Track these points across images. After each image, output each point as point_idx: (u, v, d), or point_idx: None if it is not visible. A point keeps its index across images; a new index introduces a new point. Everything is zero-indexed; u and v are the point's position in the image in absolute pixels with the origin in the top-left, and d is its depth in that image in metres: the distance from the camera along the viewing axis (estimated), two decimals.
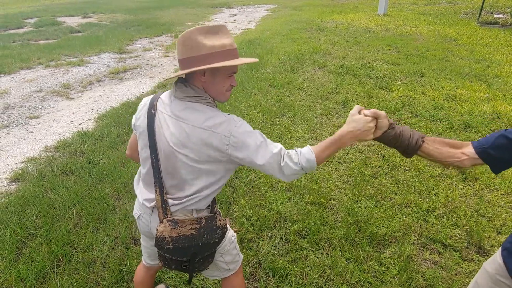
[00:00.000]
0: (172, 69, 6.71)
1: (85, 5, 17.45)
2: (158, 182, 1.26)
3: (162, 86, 5.65)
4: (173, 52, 8.10)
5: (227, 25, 11.68)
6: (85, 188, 2.91)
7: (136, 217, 1.43)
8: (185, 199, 1.26)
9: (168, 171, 1.25)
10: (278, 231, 2.43)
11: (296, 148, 1.23)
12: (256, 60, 1.28)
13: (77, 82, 6.04)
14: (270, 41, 8.37)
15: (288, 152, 1.21)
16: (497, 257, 1.16)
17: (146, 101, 1.35)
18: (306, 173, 1.23)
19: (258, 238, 2.38)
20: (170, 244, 1.24)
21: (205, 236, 1.26)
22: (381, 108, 4.37)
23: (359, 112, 1.22)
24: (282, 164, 1.18)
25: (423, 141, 1.21)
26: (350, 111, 1.20)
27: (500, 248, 1.17)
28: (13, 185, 3.11)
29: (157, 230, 1.25)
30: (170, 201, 1.27)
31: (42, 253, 2.22)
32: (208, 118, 1.18)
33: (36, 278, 2.07)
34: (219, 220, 1.31)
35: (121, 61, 7.36)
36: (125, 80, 6.19)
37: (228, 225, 1.46)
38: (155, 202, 1.29)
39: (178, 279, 2.07)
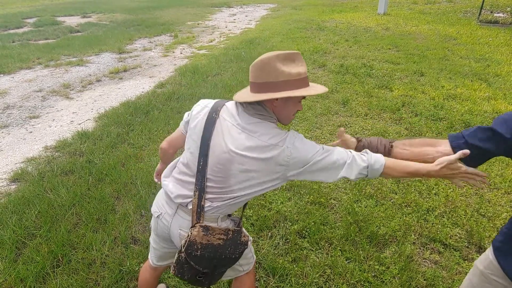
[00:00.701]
0: (172, 69, 6.70)
1: (84, 5, 17.43)
2: (200, 186, 1.25)
3: (162, 86, 5.64)
4: (173, 52, 8.10)
5: (227, 25, 11.69)
6: (85, 188, 2.91)
7: (155, 216, 1.40)
8: (221, 203, 1.27)
9: (216, 176, 1.25)
10: (278, 230, 2.42)
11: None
12: (327, 89, 1.32)
13: (76, 82, 6.03)
14: (270, 41, 8.35)
15: (355, 155, 1.22)
16: (489, 255, 1.15)
17: (206, 103, 1.36)
18: (367, 176, 1.21)
19: (258, 238, 2.37)
20: (199, 251, 1.24)
21: (229, 249, 1.27)
22: (381, 108, 4.38)
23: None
24: (347, 168, 1.20)
25: (392, 146, 1.23)
26: (450, 161, 1.11)
27: (490, 247, 1.15)
28: (13, 185, 3.11)
29: (190, 233, 1.24)
30: (207, 204, 1.27)
31: (42, 253, 2.22)
32: (275, 135, 1.21)
33: (35, 278, 2.06)
34: (244, 236, 1.32)
35: (121, 61, 7.35)
36: (124, 79, 6.18)
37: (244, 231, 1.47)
38: (188, 201, 1.28)
39: (178, 280, 2.07)
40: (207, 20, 12.87)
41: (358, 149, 1.32)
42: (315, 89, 1.26)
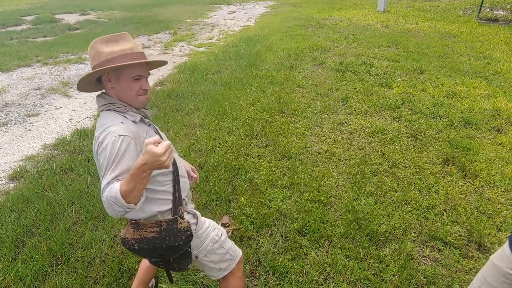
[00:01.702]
0: (171, 66, 6.68)
1: (83, 2, 17.34)
2: None
3: (161, 83, 5.62)
4: (172, 49, 8.07)
5: (226, 22, 11.65)
6: (84, 186, 2.90)
7: None
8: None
9: None
10: (278, 228, 2.42)
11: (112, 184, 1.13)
12: (165, 61, 1.36)
13: (75, 79, 6.00)
14: (269, 38, 8.33)
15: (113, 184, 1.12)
16: (505, 250, 1.15)
17: None
18: (120, 209, 1.10)
19: (258, 236, 2.37)
20: (136, 245, 1.31)
21: (167, 238, 1.30)
22: (380, 105, 4.38)
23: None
24: (103, 198, 1.11)
25: None
26: (146, 140, 1.07)
27: (507, 242, 1.16)
28: (12, 183, 3.09)
29: (120, 232, 1.34)
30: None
31: (41, 252, 2.21)
32: (102, 124, 1.22)
33: (35, 277, 2.06)
34: (180, 223, 1.32)
35: None
36: None
37: (211, 226, 1.50)
38: None
39: (179, 276, 2.06)
40: (206, 18, 12.82)
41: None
42: (142, 60, 1.24)
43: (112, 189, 1.08)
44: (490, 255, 2.17)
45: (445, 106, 4.31)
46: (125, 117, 1.26)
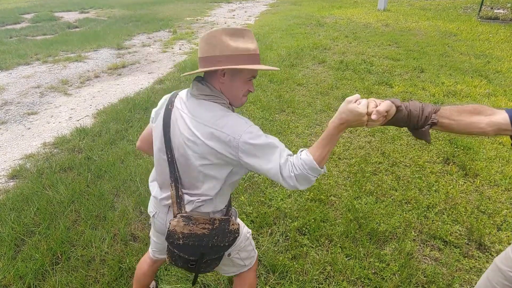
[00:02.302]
0: (171, 65, 6.67)
1: (82, 0, 17.29)
2: (174, 177, 1.25)
3: (160, 82, 5.61)
4: (172, 48, 8.05)
5: (226, 21, 11.61)
6: (84, 185, 2.89)
7: (151, 215, 1.42)
8: (198, 197, 1.26)
9: (183, 166, 1.25)
10: (278, 227, 2.42)
11: (296, 155, 1.17)
12: (278, 68, 1.29)
13: (75, 78, 5.99)
14: (270, 37, 8.31)
15: (292, 160, 1.15)
16: (509, 253, 1.15)
17: (167, 97, 1.34)
18: (315, 178, 1.14)
19: (258, 235, 2.37)
20: (181, 240, 1.24)
21: (215, 237, 1.26)
22: None
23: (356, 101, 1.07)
24: (291, 174, 1.12)
25: (436, 120, 1.05)
26: (347, 98, 1.06)
27: (511, 245, 1.16)
28: (11, 182, 3.09)
29: (169, 224, 1.24)
30: (186, 197, 1.27)
31: (41, 251, 2.21)
32: (220, 117, 1.16)
33: (35, 276, 2.05)
34: (233, 224, 1.30)
35: (120, 57, 7.30)
36: (123, 76, 6.14)
37: (241, 223, 1.47)
38: (171, 199, 1.28)
39: (180, 275, 2.06)
40: (206, 16, 12.79)
41: (392, 120, 1.11)
42: (263, 66, 1.20)
43: (303, 161, 1.09)
44: (490, 254, 2.18)
45: (446, 105, 4.30)
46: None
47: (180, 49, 8.00)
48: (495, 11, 10.26)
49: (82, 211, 2.59)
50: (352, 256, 2.17)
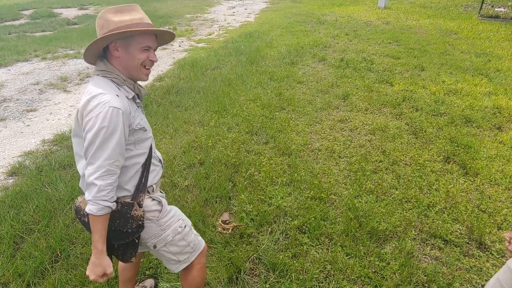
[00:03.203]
0: (170, 62, 6.64)
1: None
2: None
3: (160, 79, 5.58)
4: (171, 45, 8.02)
5: (226, 18, 11.57)
6: None
7: None
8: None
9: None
10: (278, 226, 2.41)
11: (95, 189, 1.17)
12: (167, 30, 1.35)
13: (74, 74, 5.96)
14: (270, 34, 8.28)
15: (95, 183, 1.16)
16: None
17: None
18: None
19: (258, 233, 2.36)
20: (86, 218, 1.26)
21: (117, 221, 1.26)
22: (381, 102, 4.36)
23: None
24: (87, 181, 1.17)
25: None
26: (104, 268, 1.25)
27: None
28: (10, 179, 3.07)
29: (76, 200, 1.34)
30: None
31: (40, 248, 2.20)
32: (94, 89, 1.20)
33: (34, 274, 2.05)
34: (135, 210, 1.29)
35: None
36: None
37: (175, 215, 1.46)
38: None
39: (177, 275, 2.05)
40: (206, 13, 12.74)
41: None
42: (144, 27, 1.23)
43: (99, 191, 1.15)
44: (490, 253, 2.18)
45: (446, 103, 4.30)
46: (118, 89, 1.26)
47: (179, 46, 7.96)
48: (496, 9, 10.23)
49: None
50: (352, 255, 2.17)
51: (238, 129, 3.75)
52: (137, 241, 1.36)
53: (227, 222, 2.36)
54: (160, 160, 1.48)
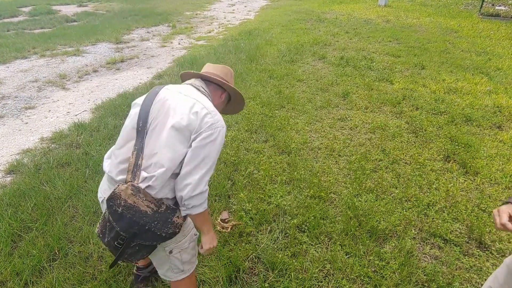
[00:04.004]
0: (170, 60, 6.61)
1: None
2: (139, 146, 1.25)
3: (159, 77, 5.56)
4: (171, 42, 7.99)
5: (226, 15, 11.53)
6: (82, 181, 2.87)
7: (100, 201, 1.41)
8: (153, 174, 1.23)
9: (152, 140, 1.27)
10: (277, 225, 2.40)
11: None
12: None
13: (73, 72, 5.94)
14: (269, 32, 8.25)
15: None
16: None
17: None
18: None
19: (257, 232, 2.35)
20: (120, 208, 1.18)
21: (155, 222, 1.22)
22: (381, 101, 4.34)
23: None
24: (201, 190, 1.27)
25: None
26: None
27: None
28: (8, 177, 3.06)
29: (117, 186, 1.20)
30: (143, 172, 1.24)
31: (38, 247, 2.19)
32: (206, 102, 1.37)
33: (32, 272, 2.03)
34: (178, 217, 1.27)
35: (118, 51, 7.23)
36: (122, 70, 6.09)
37: (191, 223, 1.47)
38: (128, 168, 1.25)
39: None
40: (206, 11, 12.69)
41: None
42: (242, 106, 1.77)
43: (203, 197, 1.29)
44: (490, 252, 2.17)
45: (446, 102, 4.28)
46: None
47: (179, 43, 7.93)
48: (496, 7, 10.20)
49: (80, 207, 2.57)
50: (351, 254, 2.16)
51: (237, 127, 3.74)
52: (157, 245, 1.34)
53: (226, 220, 2.35)
54: None
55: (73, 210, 2.56)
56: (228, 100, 1.65)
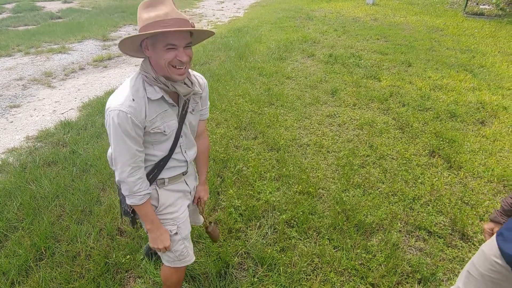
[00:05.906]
0: None
1: None
2: None
3: None
4: None
5: (215, 13, 11.46)
6: (69, 179, 2.83)
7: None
8: None
9: None
10: (266, 220, 2.42)
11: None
12: (185, 28, 1.16)
13: (59, 70, 5.83)
14: (259, 30, 8.25)
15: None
16: (494, 241, 1.28)
17: None
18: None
19: (247, 228, 2.37)
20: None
21: (120, 197, 1.47)
22: (369, 98, 4.40)
23: None
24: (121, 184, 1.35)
25: None
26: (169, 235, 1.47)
27: (496, 233, 1.28)
28: None
29: None
30: None
31: (24, 246, 2.16)
32: (120, 87, 1.27)
33: (18, 272, 2.01)
34: (126, 204, 1.41)
35: (105, 49, 7.13)
36: (109, 68, 6.01)
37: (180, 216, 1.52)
38: None
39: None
40: (195, 8, 12.60)
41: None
42: (171, 27, 1.13)
43: (126, 189, 1.31)
44: (473, 244, 2.24)
45: (432, 98, 4.37)
46: (145, 89, 1.24)
47: None
48: (481, 6, 10.42)
49: (67, 206, 2.54)
50: (339, 248, 2.20)
51: (226, 125, 3.74)
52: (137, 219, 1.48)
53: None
54: (185, 161, 1.46)
55: (60, 209, 2.53)
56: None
